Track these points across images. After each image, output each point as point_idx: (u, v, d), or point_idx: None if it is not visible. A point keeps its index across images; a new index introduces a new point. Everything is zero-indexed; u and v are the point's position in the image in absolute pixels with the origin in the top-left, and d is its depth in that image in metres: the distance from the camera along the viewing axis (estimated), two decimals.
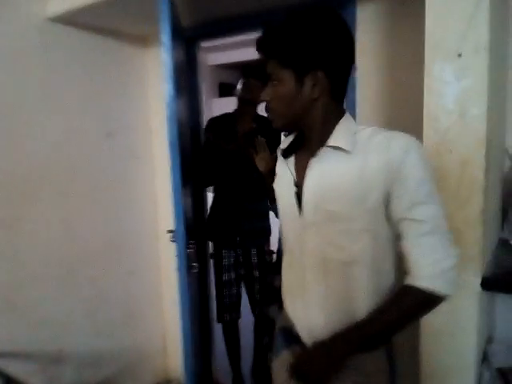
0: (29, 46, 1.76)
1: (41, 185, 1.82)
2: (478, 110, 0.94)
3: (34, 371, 1.79)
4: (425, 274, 0.82)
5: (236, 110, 2.15)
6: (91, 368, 2.02)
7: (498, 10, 0.99)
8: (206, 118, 2.24)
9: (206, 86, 4.95)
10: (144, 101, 2.23)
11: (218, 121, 2.17)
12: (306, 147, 0.95)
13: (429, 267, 0.82)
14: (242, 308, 2.21)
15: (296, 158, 0.98)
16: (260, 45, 0.91)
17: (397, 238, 0.87)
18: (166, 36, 1.39)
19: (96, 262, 2.04)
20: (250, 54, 1.89)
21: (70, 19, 1.82)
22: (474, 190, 0.97)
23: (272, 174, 1.14)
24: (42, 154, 1.81)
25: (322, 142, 0.90)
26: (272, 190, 1.09)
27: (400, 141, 0.83)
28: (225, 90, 6.13)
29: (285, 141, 1.02)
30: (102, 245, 2.06)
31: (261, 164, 1.60)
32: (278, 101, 0.91)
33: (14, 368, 1.71)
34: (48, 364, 1.83)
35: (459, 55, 0.94)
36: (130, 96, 2.19)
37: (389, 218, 0.86)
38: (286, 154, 1.00)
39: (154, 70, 2.16)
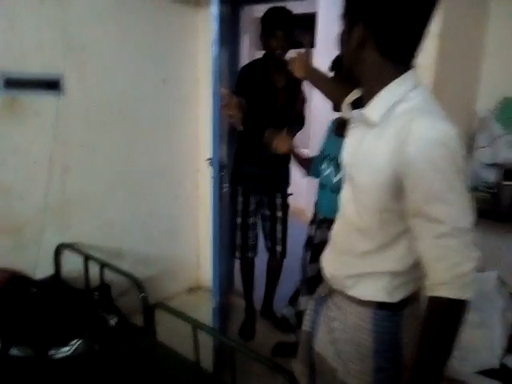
0: (104, 5, 2.20)
1: (113, 117, 2.33)
2: (428, 77, 1.33)
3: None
4: (441, 281, 0.79)
5: (266, 60, 2.25)
6: (141, 266, 2.57)
7: (452, 8, 1.34)
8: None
9: (251, 38, 4.86)
10: (194, 54, 2.66)
11: (251, 69, 2.28)
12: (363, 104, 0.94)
13: (445, 273, 0.78)
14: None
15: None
16: None
17: (412, 237, 0.85)
18: (214, 7, 1.80)
19: (150, 184, 2.58)
20: (298, 6, 2.16)
21: None
22: None
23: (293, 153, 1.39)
24: (115, 93, 2.31)
25: (368, 101, 0.90)
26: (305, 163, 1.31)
27: (423, 129, 0.78)
28: None
29: (352, 94, 1.01)
30: (155, 171, 2.59)
31: (281, 146, 1.87)
32: (341, 41, 0.95)
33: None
34: (112, 256, 2.42)
35: None
36: (183, 49, 2.63)
37: (403, 209, 0.84)
38: (354, 107, 0.99)
39: (204, 28, 2.57)
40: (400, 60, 0.88)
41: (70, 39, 2.08)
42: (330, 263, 1.05)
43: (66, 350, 1.53)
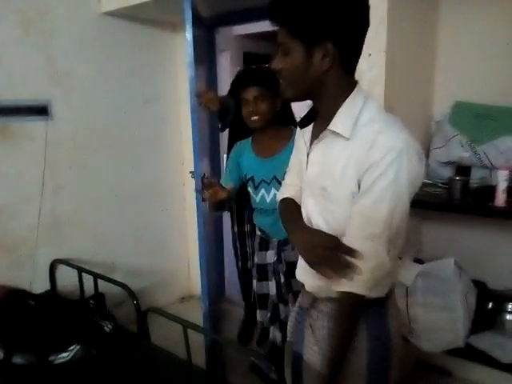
0: (87, 34, 2.35)
1: (100, 138, 2.47)
2: (379, 90, 1.49)
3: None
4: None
5: None
6: (134, 278, 2.64)
7: (399, 22, 1.51)
8: (226, 87, 2.53)
9: (231, 55, 4.93)
10: (174, 75, 2.81)
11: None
12: (318, 119, 0.97)
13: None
14: None
15: (313, 129, 1.00)
16: (271, 11, 0.89)
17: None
18: (188, 32, 1.95)
19: (138, 199, 2.70)
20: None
21: (119, 13, 2.40)
22: None
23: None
24: (100, 116, 2.45)
25: (329, 118, 0.91)
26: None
27: (385, 140, 0.84)
28: (249, 60, 6.37)
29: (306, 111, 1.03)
30: (142, 187, 2.72)
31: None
32: (288, 71, 0.90)
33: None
34: (105, 269, 2.51)
35: (369, 55, 1.49)
36: (164, 71, 2.78)
37: None
38: (303, 123, 1.01)
39: (182, 50, 2.72)
40: (353, 72, 0.93)
41: (56, 67, 2.23)
42: (310, 275, 1.00)
43: (65, 356, 1.64)
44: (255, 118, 1.63)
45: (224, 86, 2.69)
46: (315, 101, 0.96)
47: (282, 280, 1.75)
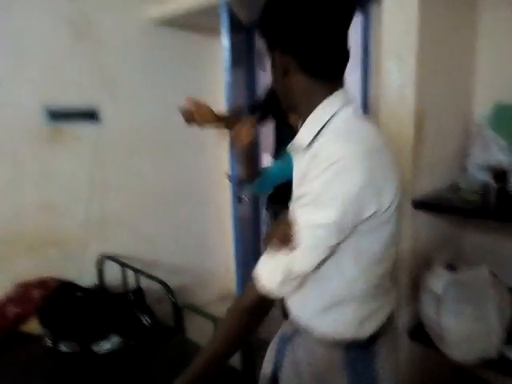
0: (133, 41, 2.49)
1: (144, 141, 2.60)
2: (409, 93, 1.47)
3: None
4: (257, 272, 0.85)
5: None
6: (174, 275, 2.76)
7: (432, 22, 1.48)
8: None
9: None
10: (214, 79, 2.89)
11: None
12: None
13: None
14: None
15: None
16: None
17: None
18: (224, 38, 2.01)
19: (180, 199, 2.82)
20: None
21: (163, 21, 2.51)
22: (404, 140, 1.50)
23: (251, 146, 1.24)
24: (145, 119, 2.58)
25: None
26: (253, 169, 1.23)
27: (327, 150, 0.79)
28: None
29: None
30: (183, 187, 2.83)
31: (242, 137, 1.37)
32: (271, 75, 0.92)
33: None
34: (147, 266, 2.64)
35: (400, 56, 1.47)
36: (205, 76, 2.86)
37: None
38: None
39: (222, 54, 2.80)
40: (328, 77, 0.86)
41: (104, 73, 2.37)
42: (294, 301, 0.97)
43: (105, 345, 1.75)
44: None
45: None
46: (296, 110, 0.92)
47: None
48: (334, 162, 0.76)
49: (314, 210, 0.78)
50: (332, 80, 0.87)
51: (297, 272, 0.82)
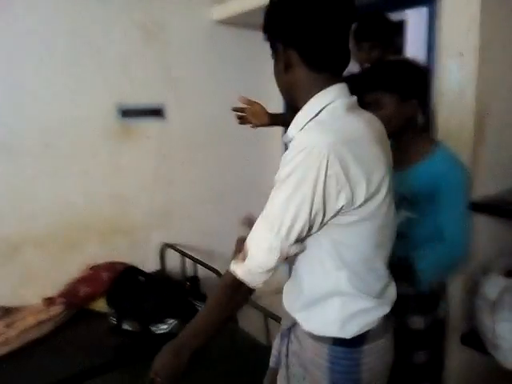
0: (197, 42, 2.61)
1: (206, 137, 2.72)
2: (470, 91, 1.42)
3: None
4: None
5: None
6: None
7: (494, 18, 1.41)
8: None
9: None
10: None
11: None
12: None
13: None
14: None
15: None
16: None
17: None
18: None
19: (238, 194, 2.91)
20: None
21: (227, 21, 2.61)
22: (464, 139, 1.46)
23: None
24: (207, 116, 2.69)
25: None
26: None
27: (300, 139, 0.82)
28: None
29: None
30: (242, 182, 2.91)
31: (256, 118, 1.66)
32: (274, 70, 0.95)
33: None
34: (205, 256, 2.77)
35: (461, 54, 1.42)
36: (265, 73, 2.91)
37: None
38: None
39: None
40: (329, 71, 0.88)
41: (171, 73, 2.51)
42: (285, 293, 1.01)
43: (164, 327, 1.88)
44: None
45: None
46: (297, 105, 0.91)
47: None
48: (303, 149, 0.78)
49: (280, 192, 0.82)
50: (332, 74, 0.89)
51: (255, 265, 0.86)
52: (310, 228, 0.82)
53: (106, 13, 2.26)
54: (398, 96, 1.31)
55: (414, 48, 2.20)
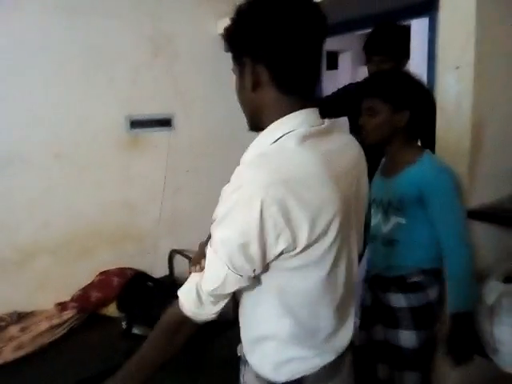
0: (204, 54, 2.68)
1: (213, 146, 2.78)
2: (466, 104, 1.47)
3: None
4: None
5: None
6: None
7: (490, 34, 1.47)
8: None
9: (353, 55, 4.58)
10: None
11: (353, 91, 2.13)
12: None
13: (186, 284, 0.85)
14: None
15: None
16: None
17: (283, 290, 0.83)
18: None
19: None
20: None
21: None
22: (461, 150, 1.50)
23: None
24: (213, 126, 2.76)
25: None
26: None
27: (235, 175, 0.78)
28: (332, 61, 4.93)
29: None
30: None
31: None
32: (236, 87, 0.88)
33: None
34: None
35: (457, 67, 1.48)
36: None
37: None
38: None
39: None
40: (299, 92, 0.82)
41: (178, 84, 2.59)
42: (240, 326, 0.95)
43: None
44: (363, 133, 1.45)
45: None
46: (260, 126, 0.85)
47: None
48: (238, 188, 0.74)
49: (217, 231, 0.78)
50: (302, 97, 0.83)
51: (204, 291, 0.82)
52: (253, 270, 0.78)
53: (117, 27, 2.35)
54: (390, 105, 1.40)
55: (416, 57, 2.25)
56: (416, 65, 2.34)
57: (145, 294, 2.12)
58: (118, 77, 2.39)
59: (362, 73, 2.77)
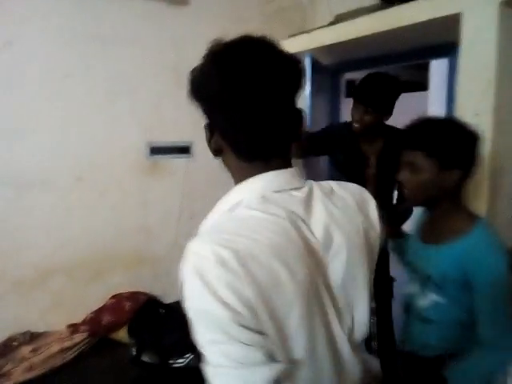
0: None
1: (228, 174, 2.82)
2: (485, 150, 1.47)
3: None
4: None
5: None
6: None
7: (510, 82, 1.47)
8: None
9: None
10: (300, 103, 3.06)
11: (338, 128, 2.21)
12: None
13: None
14: None
15: None
16: None
17: None
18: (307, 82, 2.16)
19: None
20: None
21: None
22: (480, 197, 1.50)
23: None
24: None
25: None
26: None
27: (188, 248, 0.74)
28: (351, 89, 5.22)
29: None
30: None
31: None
32: None
33: None
34: None
35: (476, 114, 1.48)
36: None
37: None
38: None
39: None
40: (260, 159, 0.76)
41: (198, 112, 2.63)
42: None
43: (181, 361, 1.94)
44: (406, 191, 1.27)
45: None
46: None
47: None
48: (189, 274, 0.72)
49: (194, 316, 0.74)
50: (266, 160, 0.77)
51: None
52: None
53: (140, 55, 2.43)
54: (438, 162, 1.16)
55: (435, 99, 2.27)
56: (434, 105, 2.36)
57: (156, 321, 2.13)
58: (140, 104, 2.45)
59: None
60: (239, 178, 0.79)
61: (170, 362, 1.94)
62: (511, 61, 1.46)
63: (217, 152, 0.81)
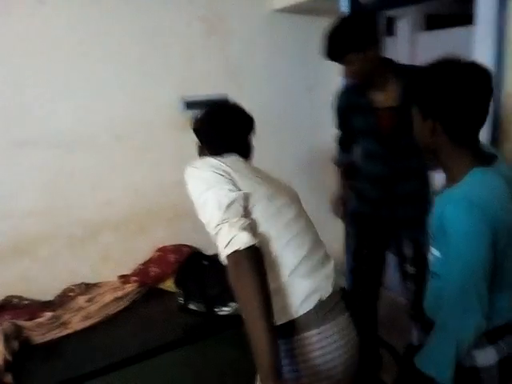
0: (258, 31, 2.64)
1: (265, 123, 2.73)
2: None
3: None
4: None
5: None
6: None
7: None
8: (408, 59, 2.69)
9: (410, 20, 4.46)
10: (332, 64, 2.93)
11: (345, 93, 2.11)
12: None
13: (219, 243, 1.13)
14: None
15: None
16: None
17: None
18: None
19: (293, 179, 2.97)
20: None
21: (287, 8, 2.61)
22: None
23: None
24: (266, 104, 2.74)
25: None
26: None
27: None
28: (433, 23, 5.10)
29: None
30: (300, 168, 2.97)
31: None
32: None
33: None
34: None
35: None
36: (323, 60, 2.91)
37: None
38: None
39: None
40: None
41: (232, 63, 2.58)
42: None
43: (227, 310, 2.04)
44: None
45: (402, 55, 2.73)
46: None
47: None
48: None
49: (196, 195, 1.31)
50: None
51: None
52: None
53: (170, 9, 2.36)
54: (420, 111, 1.09)
55: (482, 36, 2.06)
56: (481, 42, 2.15)
57: (200, 272, 2.21)
58: (172, 58, 2.42)
59: (422, 40, 2.65)
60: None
61: (216, 310, 2.04)
62: None
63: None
